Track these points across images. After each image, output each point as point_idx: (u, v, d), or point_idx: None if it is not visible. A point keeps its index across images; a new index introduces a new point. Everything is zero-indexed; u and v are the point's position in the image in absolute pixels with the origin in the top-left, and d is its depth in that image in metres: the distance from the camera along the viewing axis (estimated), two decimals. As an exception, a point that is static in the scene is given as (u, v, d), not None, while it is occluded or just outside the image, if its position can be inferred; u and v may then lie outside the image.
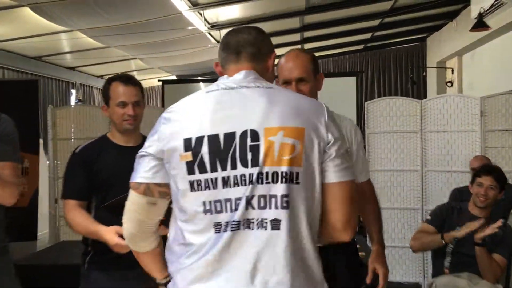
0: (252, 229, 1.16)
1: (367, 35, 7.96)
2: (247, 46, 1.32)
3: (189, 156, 1.18)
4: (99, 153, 1.97)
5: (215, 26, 5.87)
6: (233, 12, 5.66)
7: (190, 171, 1.18)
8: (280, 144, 1.17)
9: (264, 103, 1.21)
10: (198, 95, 1.28)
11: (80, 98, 7.66)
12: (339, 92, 4.16)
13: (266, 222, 1.16)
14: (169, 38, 5.55)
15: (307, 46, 7.86)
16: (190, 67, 8.17)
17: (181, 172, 1.19)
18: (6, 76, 5.69)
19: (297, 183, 1.18)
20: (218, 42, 6.54)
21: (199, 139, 1.18)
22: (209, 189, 1.17)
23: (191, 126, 1.20)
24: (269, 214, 1.16)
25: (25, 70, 6.11)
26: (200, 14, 5.32)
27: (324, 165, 1.22)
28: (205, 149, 1.17)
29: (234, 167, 1.16)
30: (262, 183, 1.16)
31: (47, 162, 4.25)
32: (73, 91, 7.47)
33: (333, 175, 1.22)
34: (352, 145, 1.90)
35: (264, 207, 1.16)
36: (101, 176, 1.91)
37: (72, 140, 3.98)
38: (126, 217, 1.29)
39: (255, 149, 1.17)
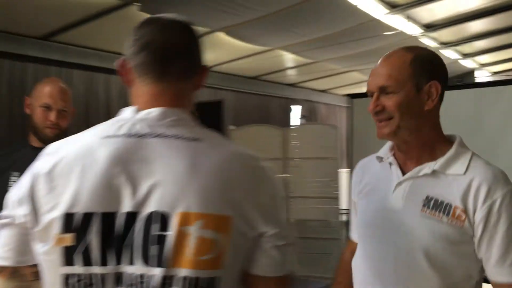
0: None
1: None
2: (179, 56, 0.93)
3: (69, 239, 0.83)
4: None
5: (430, 27, 5.08)
6: (449, 7, 4.75)
7: (68, 261, 0.83)
8: (197, 238, 0.82)
9: (183, 170, 0.85)
10: (90, 141, 0.89)
11: (305, 114, 7.76)
12: None
13: None
14: (370, 47, 5.04)
15: None
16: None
17: (52, 259, 0.84)
18: (229, 97, 6.13)
19: None
20: (440, 44, 5.68)
21: (87, 217, 0.83)
22: None
23: (77, 195, 0.84)
24: None
25: (247, 91, 6.49)
26: (406, 16, 4.65)
27: (255, 254, 0.88)
28: (94, 232, 0.83)
29: (131, 262, 0.83)
30: None
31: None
32: (294, 108, 7.59)
33: (263, 267, 0.89)
34: (473, 213, 1.17)
35: None
36: None
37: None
38: None
39: (162, 242, 0.82)
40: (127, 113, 0.92)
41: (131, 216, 0.83)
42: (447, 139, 1.29)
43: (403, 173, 1.28)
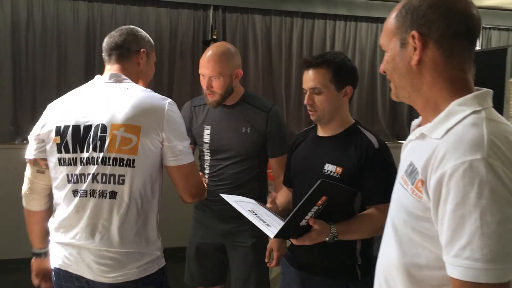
0: (96, 198, 1.58)
1: None
2: (116, 48, 1.70)
3: (58, 139, 1.62)
4: (301, 142, 1.94)
5: None
6: None
7: (59, 151, 1.62)
8: (121, 137, 1.56)
9: (116, 103, 1.59)
10: (80, 88, 1.70)
11: None
12: None
13: (106, 193, 1.57)
14: None
15: None
16: None
17: (53, 150, 1.63)
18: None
19: (133, 167, 1.57)
20: None
21: (66, 128, 1.61)
22: (71, 165, 1.60)
23: (62, 117, 1.62)
24: (109, 187, 1.57)
25: None
26: None
27: (163, 153, 1.62)
28: (69, 136, 1.60)
29: (88, 150, 1.58)
30: (105, 164, 1.56)
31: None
32: None
33: (169, 161, 1.62)
34: (428, 184, 0.96)
35: (105, 182, 1.57)
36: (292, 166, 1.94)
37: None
38: (24, 181, 1.74)
39: (102, 139, 1.57)
40: (97, 77, 1.72)
41: (88, 127, 1.58)
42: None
43: None
